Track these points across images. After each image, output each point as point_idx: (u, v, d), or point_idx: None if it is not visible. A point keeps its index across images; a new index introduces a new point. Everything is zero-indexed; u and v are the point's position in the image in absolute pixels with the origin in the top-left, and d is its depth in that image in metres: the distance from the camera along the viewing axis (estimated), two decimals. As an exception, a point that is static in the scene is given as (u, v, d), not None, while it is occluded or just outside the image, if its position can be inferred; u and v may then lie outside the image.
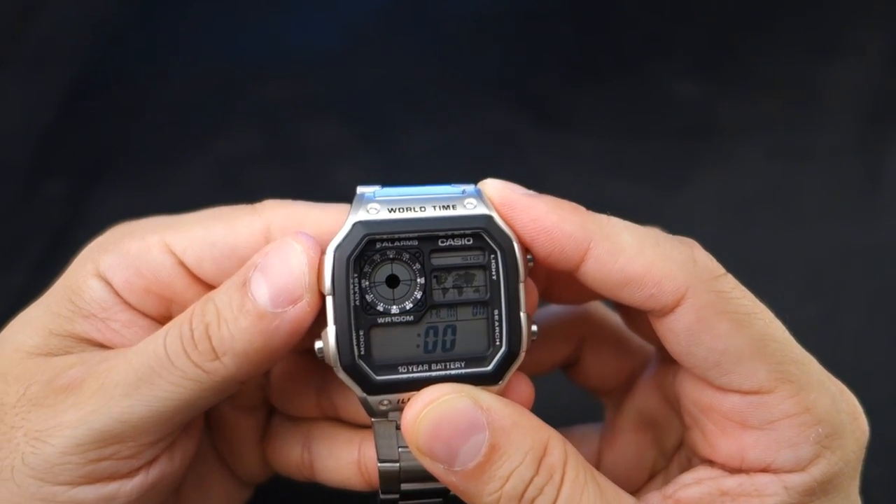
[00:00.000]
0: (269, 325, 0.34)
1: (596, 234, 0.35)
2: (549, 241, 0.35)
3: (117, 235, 0.40)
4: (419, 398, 0.34)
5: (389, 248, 0.35)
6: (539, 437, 0.34)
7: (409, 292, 0.35)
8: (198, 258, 0.38)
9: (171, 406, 0.35)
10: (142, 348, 0.36)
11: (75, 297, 0.38)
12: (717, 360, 0.35)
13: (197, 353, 0.34)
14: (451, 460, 0.33)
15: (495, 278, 0.35)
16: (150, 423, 0.35)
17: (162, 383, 0.34)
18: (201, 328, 0.35)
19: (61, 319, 0.38)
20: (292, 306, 0.34)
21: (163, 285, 0.38)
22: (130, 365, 0.35)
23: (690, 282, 0.35)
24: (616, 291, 0.36)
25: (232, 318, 0.34)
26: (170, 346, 0.35)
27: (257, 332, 0.34)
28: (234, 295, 0.35)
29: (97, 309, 0.38)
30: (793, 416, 0.35)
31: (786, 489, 0.35)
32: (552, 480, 0.33)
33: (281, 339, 0.34)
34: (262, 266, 0.35)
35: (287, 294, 0.34)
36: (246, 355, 0.34)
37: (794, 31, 0.79)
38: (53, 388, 0.35)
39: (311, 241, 0.35)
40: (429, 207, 0.35)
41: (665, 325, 0.36)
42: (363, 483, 0.41)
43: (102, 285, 0.38)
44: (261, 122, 0.73)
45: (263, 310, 0.34)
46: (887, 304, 0.65)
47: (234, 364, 0.35)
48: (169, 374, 0.34)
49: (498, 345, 0.36)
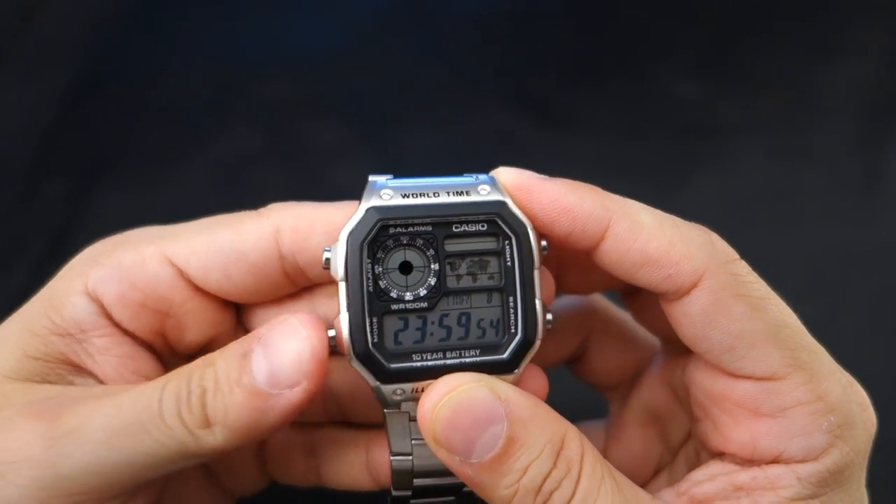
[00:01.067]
0: (263, 403, 0.33)
1: (616, 212, 0.35)
2: (570, 220, 0.35)
3: (108, 247, 0.38)
4: (437, 387, 0.33)
5: (403, 233, 0.35)
6: (557, 429, 0.33)
7: (423, 279, 0.35)
8: (203, 267, 0.37)
9: (148, 463, 0.33)
10: (134, 396, 0.34)
11: (53, 312, 0.37)
12: (732, 343, 0.35)
13: (190, 417, 0.33)
14: (468, 451, 0.32)
15: (510, 265, 0.35)
16: (123, 478, 0.33)
17: (147, 439, 0.33)
18: (198, 392, 0.33)
19: (36, 340, 0.36)
20: (289, 389, 0.33)
21: (159, 299, 0.37)
22: (118, 410, 0.33)
23: (708, 264, 0.34)
24: (634, 271, 0.35)
25: (228, 389, 0.33)
26: (165, 402, 0.33)
27: (250, 408, 0.33)
28: (234, 366, 0.33)
29: (74, 329, 0.36)
30: (805, 404, 0.35)
31: (799, 480, 0.35)
32: (570, 474, 0.33)
33: (272, 419, 0.33)
34: (264, 341, 0.34)
35: (285, 377, 0.33)
36: (235, 430, 0.33)
37: (794, 31, 0.79)
38: (26, 414, 0.33)
39: (316, 322, 0.34)
40: (442, 193, 0.35)
41: (679, 308, 0.35)
42: (372, 483, 0.41)
43: (87, 302, 0.37)
44: (261, 122, 0.73)
45: (259, 388, 0.33)
46: (887, 304, 0.65)
47: (222, 436, 0.33)
48: (157, 430, 0.33)
49: (513, 332, 0.35)
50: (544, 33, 0.80)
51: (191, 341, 0.39)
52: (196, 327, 0.38)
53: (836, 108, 0.75)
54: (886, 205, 0.70)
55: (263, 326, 0.34)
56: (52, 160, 0.70)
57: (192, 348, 0.40)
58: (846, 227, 0.69)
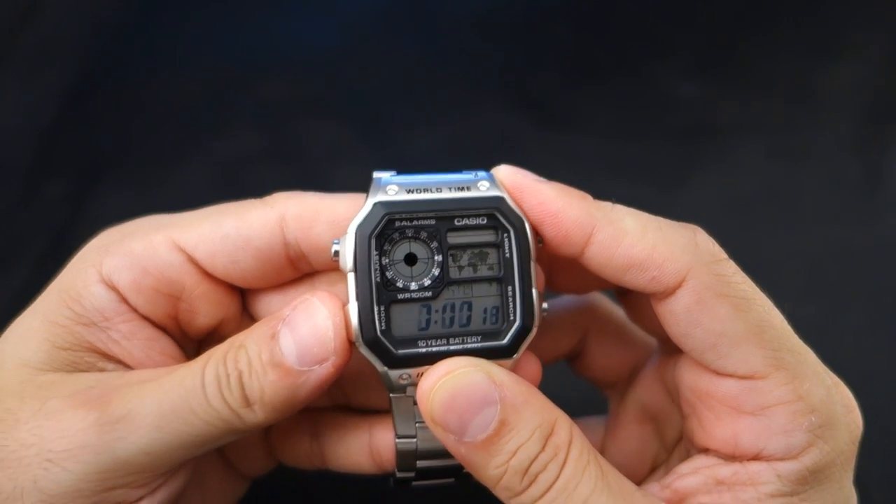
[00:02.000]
0: (296, 381, 0.35)
1: (600, 220, 0.36)
2: (555, 224, 0.36)
3: (116, 237, 0.39)
4: (435, 370, 0.35)
5: (408, 226, 0.36)
6: (548, 416, 0.35)
7: (427, 269, 0.37)
8: (210, 253, 0.38)
9: (196, 441, 0.35)
10: (177, 380, 0.35)
11: (73, 303, 0.37)
12: (715, 342, 0.36)
13: (232, 399, 0.35)
14: (462, 431, 0.34)
15: (508, 256, 0.37)
16: (173, 456, 0.35)
17: (195, 420, 0.35)
18: (235, 374, 0.35)
19: (61, 330, 0.37)
20: (318, 366, 0.35)
21: (171, 284, 0.38)
22: (166, 395, 0.35)
23: (692, 264, 0.35)
24: (619, 275, 0.36)
25: (262, 370, 0.35)
26: (209, 385, 0.35)
27: (284, 386, 0.35)
28: (265, 347, 0.35)
29: (97, 317, 0.37)
30: (786, 404, 0.35)
31: (778, 477, 0.35)
32: (556, 458, 0.34)
33: (306, 393, 0.35)
34: (289, 321, 0.35)
35: (314, 354, 0.35)
36: (273, 406, 0.35)
37: (794, 31, 0.79)
38: (73, 403, 0.35)
39: (335, 299, 0.36)
40: (445, 189, 0.37)
41: (666, 307, 0.36)
42: (375, 467, 0.42)
43: (106, 291, 0.38)
44: (261, 122, 0.73)
45: (291, 367, 0.35)
46: (887, 303, 0.65)
47: (262, 413, 0.35)
48: (204, 412, 0.35)
49: (512, 319, 0.37)
50: (544, 33, 0.80)
51: (201, 324, 0.40)
52: (206, 311, 0.40)
53: (836, 108, 0.75)
54: (886, 205, 0.70)
55: (286, 308, 0.36)
56: (52, 160, 0.70)
57: (203, 331, 0.41)
58: (846, 227, 0.69)
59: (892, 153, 0.73)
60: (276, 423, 0.44)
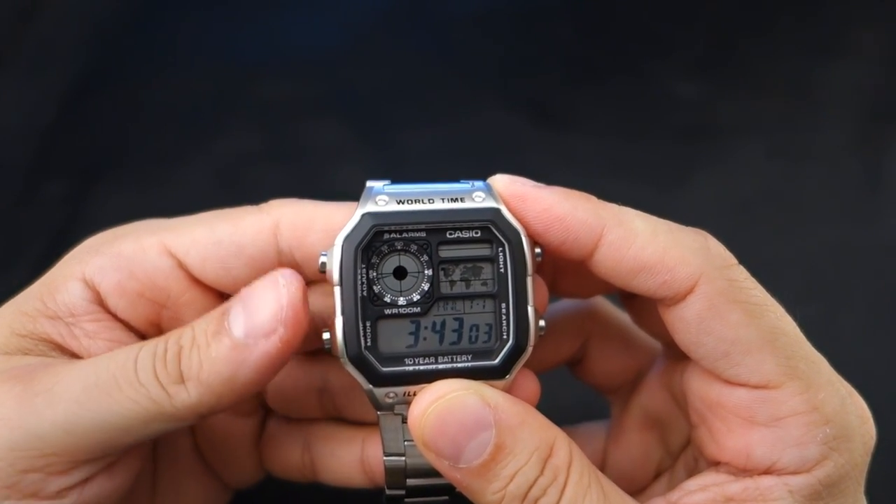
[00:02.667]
0: (238, 355, 0.33)
1: (609, 221, 0.35)
2: (562, 229, 0.35)
3: (109, 238, 0.39)
4: (427, 393, 0.34)
5: (397, 239, 0.35)
6: (546, 437, 0.33)
7: (417, 284, 0.35)
8: (201, 259, 0.37)
9: (121, 423, 0.33)
10: (111, 355, 0.34)
11: (47, 296, 0.37)
12: (727, 350, 0.35)
13: (165, 374, 0.33)
14: (457, 457, 0.33)
15: (503, 271, 0.35)
16: (93, 439, 0.33)
17: (120, 396, 0.33)
18: (174, 349, 0.33)
19: (25, 318, 0.37)
20: (265, 339, 0.33)
21: (157, 289, 0.37)
22: (94, 369, 0.33)
23: (704, 268, 0.34)
24: (629, 279, 0.35)
25: (204, 344, 0.33)
26: (140, 359, 0.33)
27: (225, 360, 0.33)
28: (212, 323, 0.34)
29: (64, 312, 0.37)
30: (801, 415, 0.34)
31: (790, 493, 0.34)
32: (556, 482, 0.33)
33: (248, 372, 0.33)
34: (243, 296, 0.34)
35: (260, 327, 0.33)
36: (209, 385, 0.33)
37: (794, 31, 0.79)
38: (4, 378, 0.33)
39: (295, 277, 0.34)
40: (437, 200, 0.35)
41: (675, 313, 0.35)
42: (367, 481, 0.41)
43: (82, 289, 0.37)
44: (261, 122, 0.73)
45: (235, 340, 0.33)
46: (887, 304, 0.65)
47: (196, 393, 0.33)
48: (130, 387, 0.33)
49: (505, 338, 0.35)
50: (544, 33, 0.80)
51: None
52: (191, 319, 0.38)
53: (836, 108, 0.75)
54: (886, 205, 0.70)
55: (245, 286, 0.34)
56: (51, 160, 0.70)
57: None
58: (846, 227, 0.69)
59: (893, 153, 0.72)
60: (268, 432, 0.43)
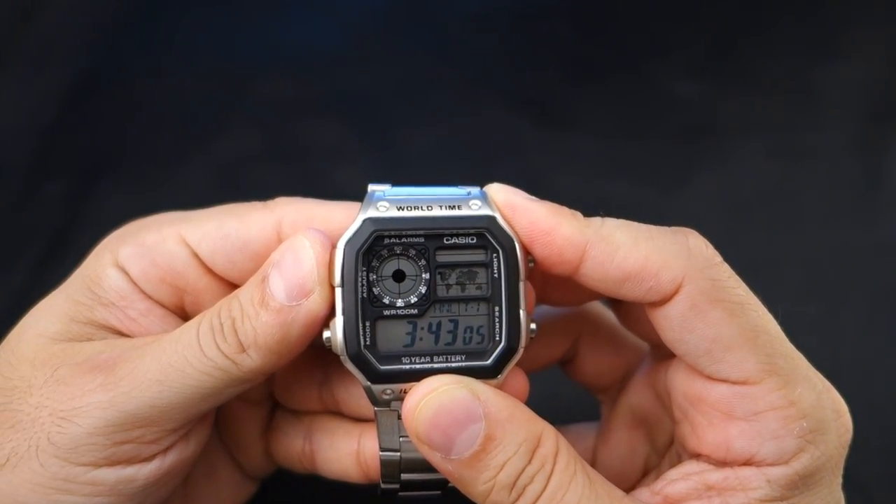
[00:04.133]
0: (287, 318, 0.36)
1: (591, 237, 0.36)
2: (547, 243, 0.36)
3: (134, 228, 0.41)
4: (420, 387, 0.35)
5: (397, 243, 0.37)
6: (533, 429, 0.35)
7: (415, 287, 0.37)
8: (211, 250, 0.39)
9: (198, 394, 0.36)
10: (175, 336, 0.37)
11: (94, 286, 0.39)
12: (708, 347, 0.36)
13: (226, 345, 0.36)
14: (448, 449, 0.34)
15: (497, 276, 0.37)
16: (177, 410, 0.36)
17: (193, 372, 0.36)
18: (228, 322, 0.36)
19: (82, 307, 0.39)
20: (306, 299, 0.36)
21: (176, 275, 0.40)
22: (164, 352, 0.36)
23: (686, 270, 0.36)
24: (616, 288, 0.37)
25: (254, 313, 0.36)
26: (202, 337, 0.36)
27: (276, 325, 0.36)
28: (255, 291, 0.36)
29: (116, 297, 0.39)
30: (778, 409, 0.36)
31: (768, 482, 0.35)
32: (543, 469, 0.34)
33: (298, 330, 0.36)
34: (277, 262, 0.36)
35: (300, 288, 0.36)
36: (268, 348, 0.36)
37: (794, 31, 0.79)
38: (83, 369, 0.37)
39: (320, 236, 0.37)
40: (435, 207, 0.37)
41: (660, 313, 0.36)
42: (361, 475, 0.43)
43: (120, 275, 0.39)
44: (261, 122, 0.73)
45: (280, 304, 0.36)
46: (887, 304, 0.65)
47: (258, 357, 0.36)
48: (200, 363, 0.36)
49: (498, 340, 0.37)
50: (544, 33, 0.80)
51: None
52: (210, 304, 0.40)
53: (836, 108, 0.75)
54: (886, 205, 0.70)
55: (274, 252, 0.37)
56: (52, 160, 0.70)
57: None
58: (846, 227, 0.69)
59: (893, 153, 0.73)
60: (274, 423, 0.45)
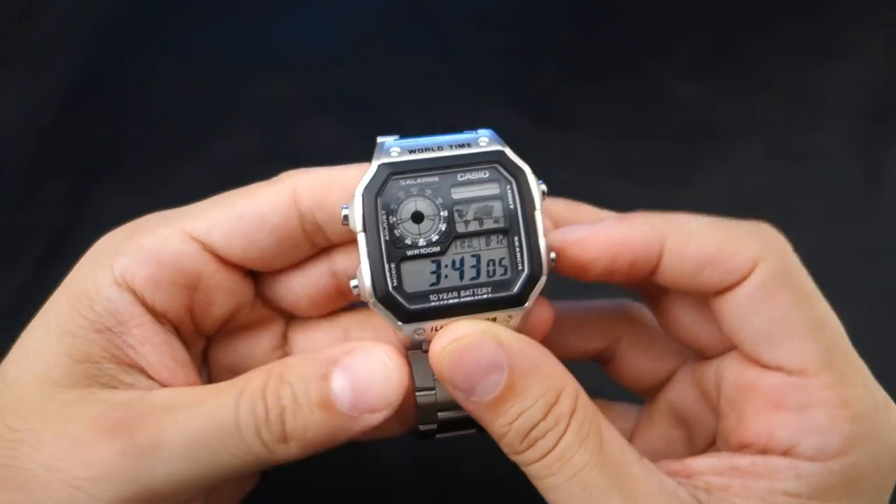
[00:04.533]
0: (343, 424, 0.35)
1: (665, 227, 0.37)
2: (630, 251, 0.37)
3: (125, 234, 0.39)
4: (446, 333, 0.36)
5: (413, 185, 0.37)
6: (554, 384, 0.35)
7: (434, 226, 0.37)
8: (226, 235, 0.38)
9: (224, 473, 0.35)
10: (209, 412, 0.34)
11: (85, 309, 0.36)
12: (771, 331, 0.36)
13: (269, 435, 0.34)
14: (470, 391, 0.35)
15: (512, 207, 0.37)
16: (200, 486, 0.35)
17: (224, 453, 0.34)
18: (276, 411, 0.34)
19: (76, 340, 0.36)
20: (369, 415, 0.35)
21: (188, 274, 0.38)
22: (194, 425, 0.34)
23: (762, 251, 0.36)
24: (696, 276, 0.37)
25: (308, 408, 0.35)
26: (243, 419, 0.34)
27: (329, 427, 0.35)
28: (314, 386, 0.35)
29: (111, 322, 0.37)
30: (830, 406, 0.35)
31: (798, 476, 0.35)
32: (557, 427, 0.35)
33: (348, 435, 0.35)
34: (346, 365, 0.35)
35: (369, 404, 0.35)
36: (312, 445, 0.35)
37: (794, 31, 0.79)
38: (99, 430, 0.34)
39: (399, 356, 0.36)
40: (446, 148, 0.38)
41: (729, 298, 0.37)
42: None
43: (119, 292, 0.37)
44: (261, 122, 0.73)
45: (341, 411, 0.35)
46: (887, 304, 0.65)
47: (298, 450, 0.35)
48: (235, 446, 0.34)
49: (520, 269, 0.37)
50: (544, 33, 0.80)
51: (216, 315, 0.40)
52: (222, 300, 0.40)
53: (836, 108, 0.75)
54: (886, 205, 0.70)
55: (339, 349, 0.36)
56: (51, 160, 0.70)
57: (216, 323, 0.41)
58: (846, 227, 0.69)
59: (893, 153, 0.72)
60: None
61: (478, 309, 0.37)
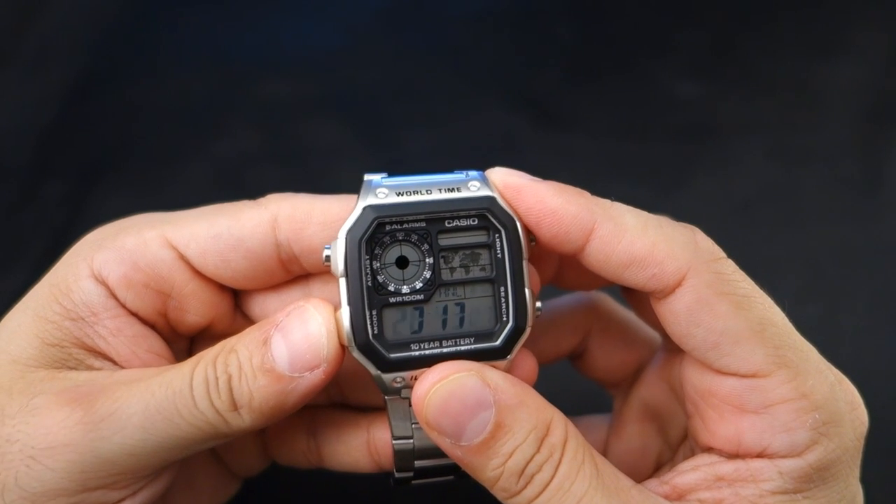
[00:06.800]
0: (286, 387, 0.35)
1: (600, 216, 0.36)
2: (554, 222, 0.36)
3: (110, 232, 0.39)
4: (429, 375, 0.35)
5: (398, 229, 0.36)
6: (543, 416, 0.35)
7: (419, 272, 0.36)
8: (201, 251, 0.38)
9: (181, 444, 0.35)
10: (166, 380, 0.35)
11: (63, 297, 0.37)
12: (716, 341, 0.36)
13: (220, 402, 0.35)
14: (458, 435, 0.34)
15: (500, 256, 0.37)
16: (157, 458, 0.35)
17: (181, 422, 0.35)
18: (224, 378, 0.35)
19: (50, 326, 0.37)
20: (309, 372, 0.35)
21: (161, 280, 0.38)
22: (152, 396, 0.35)
23: (692, 262, 0.35)
24: (620, 272, 0.36)
25: (252, 375, 0.35)
26: (196, 387, 0.35)
27: (274, 392, 0.35)
28: (255, 352, 0.35)
29: (85, 312, 0.37)
30: (789, 401, 0.35)
31: (780, 474, 0.35)
32: (552, 458, 0.34)
33: (295, 399, 0.35)
34: (282, 327, 0.35)
35: (305, 361, 0.35)
36: (261, 411, 0.35)
37: (794, 31, 0.79)
38: (60, 400, 0.35)
39: (329, 309, 0.36)
40: (435, 191, 0.37)
41: (666, 306, 0.36)
42: (373, 465, 0.42)
43: (95, 285, 0.38)
44: (261, 122, 0.73)
45: (281, 373, 0.35)
46: (887, 303, 0.65)
47: (249, 417, 0.35)
48: (190, 414, 0.35)
49: (505, 320, 0.37)
50: (544, 33, 0.80)
51: (191, 322, 0.40)
52: (196, 309, 0.40)
53: (836, 109, 0.75)
54: (886, 205, 0.70)
55: (279, 313, 0.36)
56: (52, 160, 0.70)
57: (193, 329, 0.41)
58: (846, 227, 0.69)
59: (893, 153, 0.73)
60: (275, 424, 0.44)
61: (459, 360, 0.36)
